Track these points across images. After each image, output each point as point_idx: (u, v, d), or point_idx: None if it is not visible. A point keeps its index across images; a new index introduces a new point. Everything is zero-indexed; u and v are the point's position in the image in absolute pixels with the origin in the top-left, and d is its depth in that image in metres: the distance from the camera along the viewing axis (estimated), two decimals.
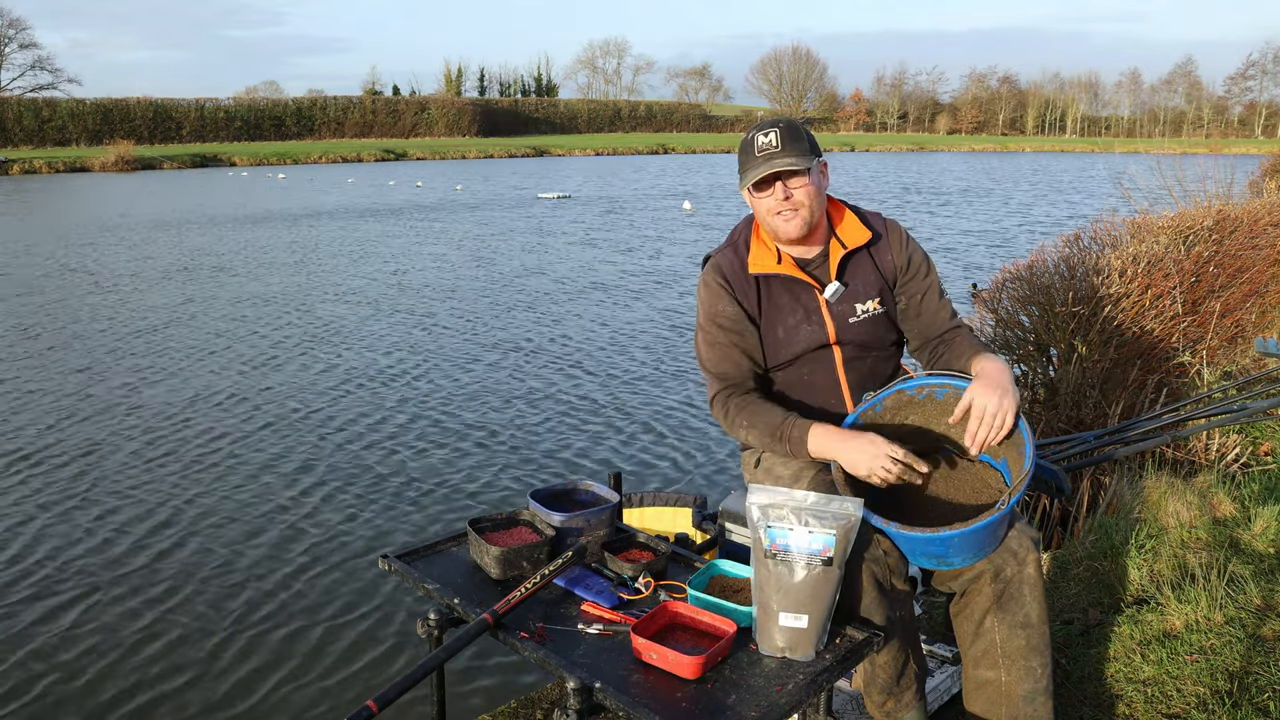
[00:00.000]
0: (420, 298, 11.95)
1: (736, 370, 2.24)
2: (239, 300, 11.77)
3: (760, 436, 2.16)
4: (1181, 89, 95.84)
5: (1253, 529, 3.22)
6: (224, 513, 5.35)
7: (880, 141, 79.77)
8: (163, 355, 8.96)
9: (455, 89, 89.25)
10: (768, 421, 2.15)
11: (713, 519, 2.85)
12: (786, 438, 2.11)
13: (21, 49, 66.98)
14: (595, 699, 1.65)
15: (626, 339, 9.64)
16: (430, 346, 9.32)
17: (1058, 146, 77.29)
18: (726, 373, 2.25)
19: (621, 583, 2.01)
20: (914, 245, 2.32)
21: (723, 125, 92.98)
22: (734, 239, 2.33)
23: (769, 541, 1.75)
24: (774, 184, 2.15)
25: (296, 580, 4.58)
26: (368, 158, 54.30)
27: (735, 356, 2.25)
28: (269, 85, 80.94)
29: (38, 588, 4.49)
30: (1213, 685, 2.41)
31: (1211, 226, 5.74)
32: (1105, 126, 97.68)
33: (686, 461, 6.19)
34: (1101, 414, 4.43)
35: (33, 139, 54.27)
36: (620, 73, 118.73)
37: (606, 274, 13.85)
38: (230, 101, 65.21)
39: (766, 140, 2.14)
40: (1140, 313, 4.69)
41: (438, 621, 1.93)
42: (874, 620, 1.92)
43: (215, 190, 31.90)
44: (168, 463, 6.12)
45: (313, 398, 7.57)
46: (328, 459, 6.19)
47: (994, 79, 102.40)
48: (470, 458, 6.22)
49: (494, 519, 2.19)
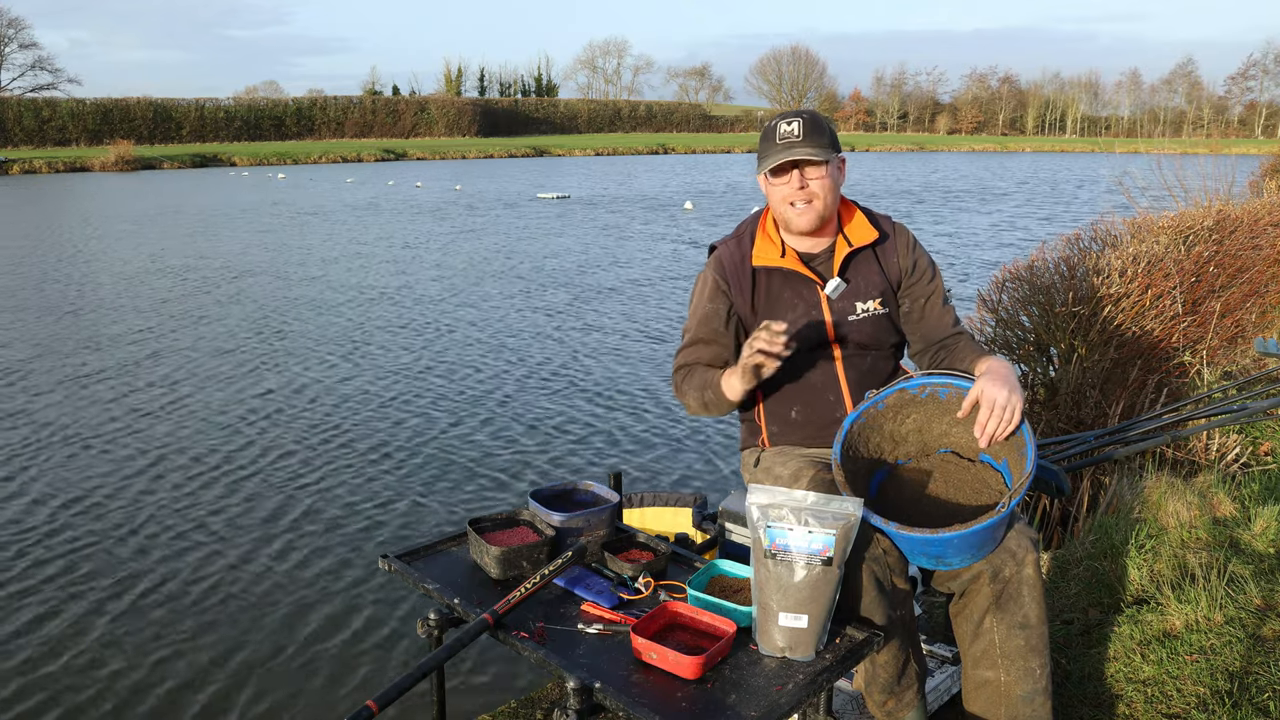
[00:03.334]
0: (418, 298, 11.94)
1: (699, 363, 2.32)
2: (239, 299, 11.78)
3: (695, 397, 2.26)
4: (1182, 89, 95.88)
5: (1253, 529, 3.22)
6: (222, 512, 5.35)
7: (880, 141, 79.74)
8: (161, 354, 8.96)
9: (455, 89, 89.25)
10: (697, 382, 2.26)
11: (713, 519, 2.86)
12: (709, 384, 2.21)
13: (21, 49, 67.11)
14: (595, 699, 1.65)
15: (626, 338, 9.64)
16: (428, 346, 9.32)
17: (1058, 147, 77.27)
18: (688, 361, 2.33)
19: (621, 583, 2.01)
20: (920, 250, 2.33)
21: (723, 125, 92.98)
22: (740, 231, 2.35)
23: (769, 541, 1.75)
24: (791, 172, 2.17)
25: (296, 580, 4.58)
26: (368, 158, 54.29)
27: (704, 353, 2.32)
28: (269, 85, 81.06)
29: (33, 587, 4.49)
30: (1213, 685, 2.41)
31: (1211, 226, 5.74)
32: (1105, 126, 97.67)
33: (686, 461, 6.19)
34: (1101, 414, 4.43)
35: (33, 139, 54.27)
36: (620, 73, 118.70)
37: (606, 273, 13.85)
38: (230, 101, 65.22)
39: (789, 129, 2.16)
40: (1140, 313, 4.69)
41: (438, 621, 1.93)
42: (874, 620, 1.92)
43: (220, 189, 31.90)
44: (167, 463, 6.12)
45: (311, 398, 7.56)
46: (327, 459, 6.19)
47: (994, 79, 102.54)
48: (470, 458, 6.22)
49: (494, 519, 2.19)
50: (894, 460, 2.19)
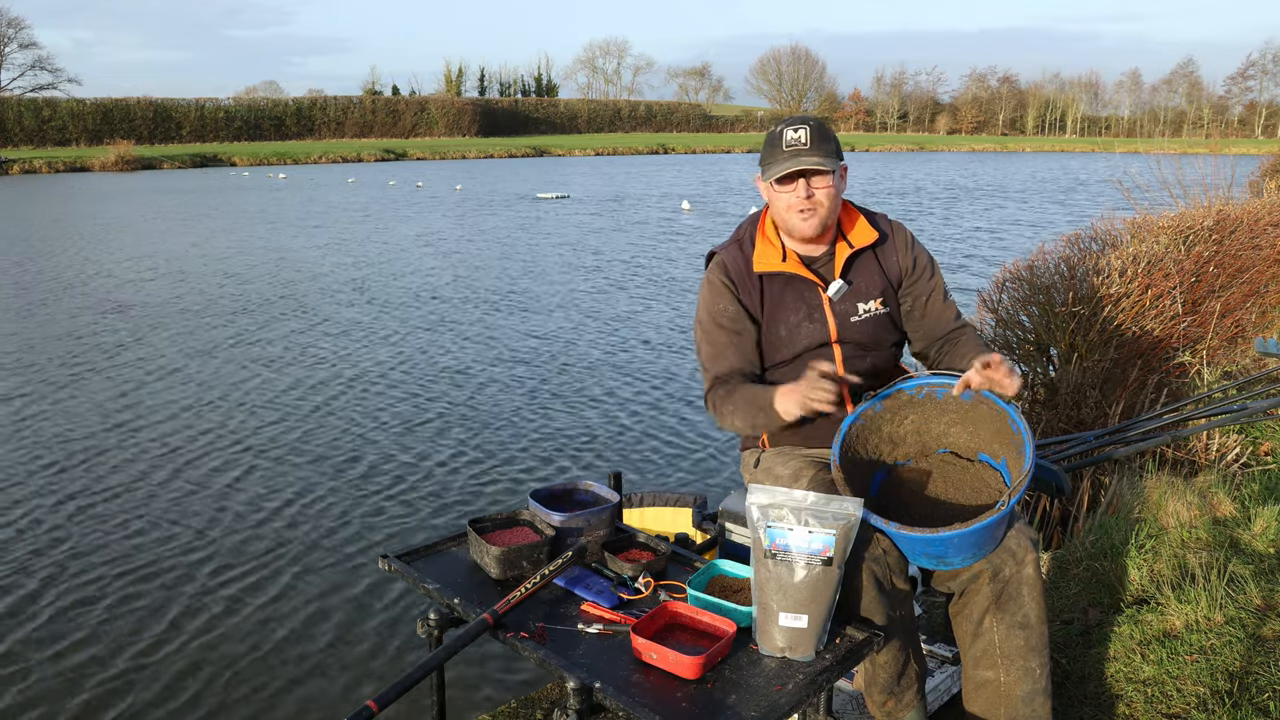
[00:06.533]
0: (418, 298, 11.94)
1: (731, 369, 2.25)
2: (239, 300, 11.78)
3: (744, 418, 2.18)
4: (1182, 89, 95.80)
5: (1253, 529, 3.22)
6: (222, 512, 5.35)
7: (880, 141, 79.75)
8: (160, 355, 8.96)
9: (455, 89, 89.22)
10: (747, 399, 2.17)
11: (713, 519, 2.85)
12: (762, 407, 2.13)
13: (21, 49, 67.00)
14: (595, 699, 1.65)
15: (626, 338, 9.64)
16: (429, 346, 9.32)
17: (1058, 146, 77.28)
18: (721, 371, 2.26)
19: (621, 583, 2.01)
20: (919, 247, 2.33)
21: (723, 125, 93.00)
22: (739, 236, 2.34)
23: (769, 541, 1.76)
24: (797, 181, 2.16)
25: (296, 580, 4.58)
26: (368, 158, 54.30)
27: (731, 356, 2.25)
28: (269, 85, 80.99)
29: (32, 587, 4.49)
30: (1213, 685, 2.41)
31: (1211, 226, 5.74)
32: (1105, 126, 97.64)
33: (686, 461, 6.19)
34: (1101, 414, 4.43)
35: (33, 139, 54.26)
36: (620, 73, 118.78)
37: (606, 273, 13.85)
38: (230, 101, 65.23)
39: (796, 136, 2.15)
40: (1140, 313, 4.69)
41: (438, 621, 1.93)
42: (874, 620, 1.92)
43: (220, 189, 31.90)
44: (166, 462, 6.11)
45: (311, 398, 7.56)
46: (327, 459, 6.19)
47: (994, 79, 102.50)
48: (470, 458, 6.22)
49: (494, 519, 2.19)
50: (893, 461, 2.19)
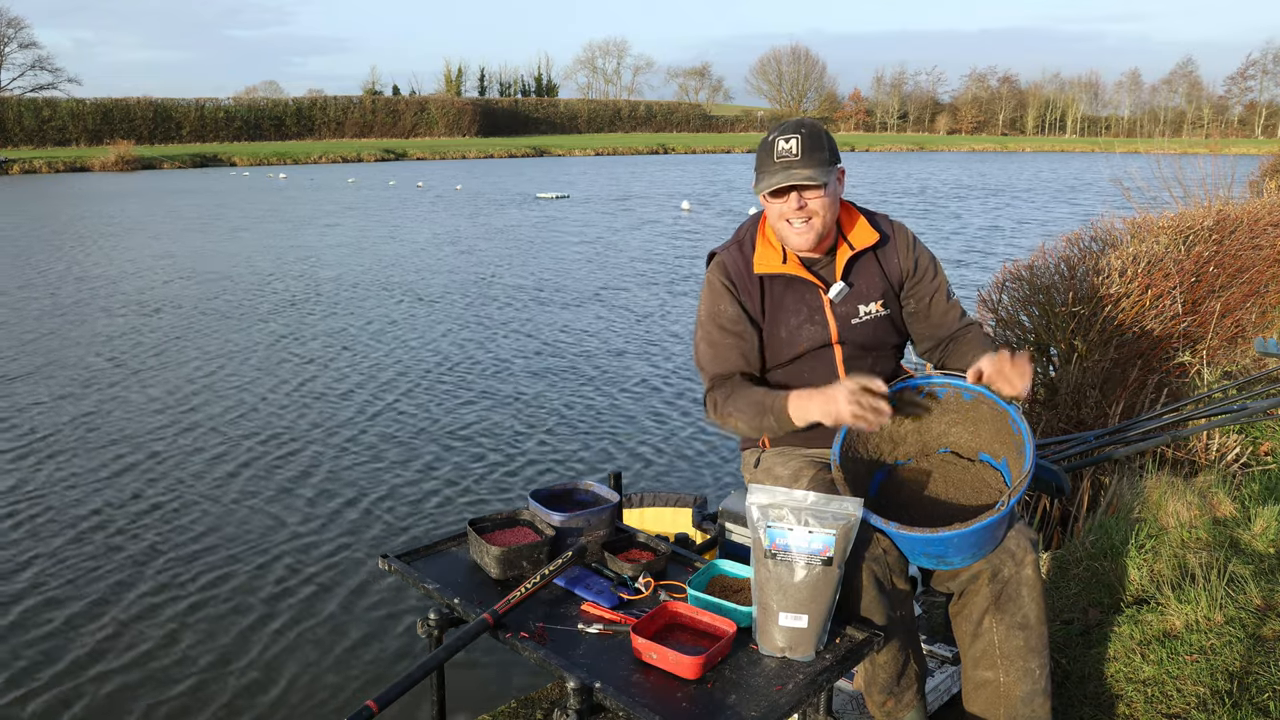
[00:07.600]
0: (417, 298, 11.94)
1: (731, 370, 2.23)
2: (241, 298, 11.78)
3: (748, 420, 2.15)
4: (1182, 89, 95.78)
5: (1253, 529, 3.22)
6: (222, 512, 5.35)
7: (880, 141, 79.73)
8: (160, 355, 8.96)
9: (455, 89, 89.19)
10: (751, 401, 2.14)
11: (713, 519, 2.85)
12: (770, 410, 2.10)
13: (21, 49, 66.94)
14: (595, 699, 1.65)
15: (625, 339, 9.64)
16: (429, 347, 9.32)
17: (1058, 146, 77.25)
18: (721, 373, 2.24)
19: (621, 583, 2.01)
20: (921, 248, 2.32)
21: (723, 125, 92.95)
22: (739, 237, 2.32)
23: (769, 541, 1.75)
24: (789, 194, 2.12)
25: (296, 580, 4.58)
26: (368, 158, 54.26)
27: (733, 358, 2.24)
28: (268, 85, 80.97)
29: (31, 587, 4.49)
30: (1213, 685, 2.41)
31: (1211, 226, 5.74)
32: (1105, 126, 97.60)
33: (686, 461, 6.19)
34: (1101, 414, 4.43)
35: (33, 139, 54.22)
36: (620, 73, 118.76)
37: (605, 274, 13.84)
38: (230, 101, 65.18)
39: (787, 146, 2.10)
40: (1140, 313, 4.69)
41: (438, 621, 1.93)
42: (874, 620, 1.92)
43: (231, 189, 31.90)
44: (166, 462, 6.12)
45: (312, 398, 7.56)
46: (327, 459, 6.19)
47: (994, 79, 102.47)
48: (470, 457, 6.22)
49: (494, 519, 2.19)
50: (893, 460, 2.19)
